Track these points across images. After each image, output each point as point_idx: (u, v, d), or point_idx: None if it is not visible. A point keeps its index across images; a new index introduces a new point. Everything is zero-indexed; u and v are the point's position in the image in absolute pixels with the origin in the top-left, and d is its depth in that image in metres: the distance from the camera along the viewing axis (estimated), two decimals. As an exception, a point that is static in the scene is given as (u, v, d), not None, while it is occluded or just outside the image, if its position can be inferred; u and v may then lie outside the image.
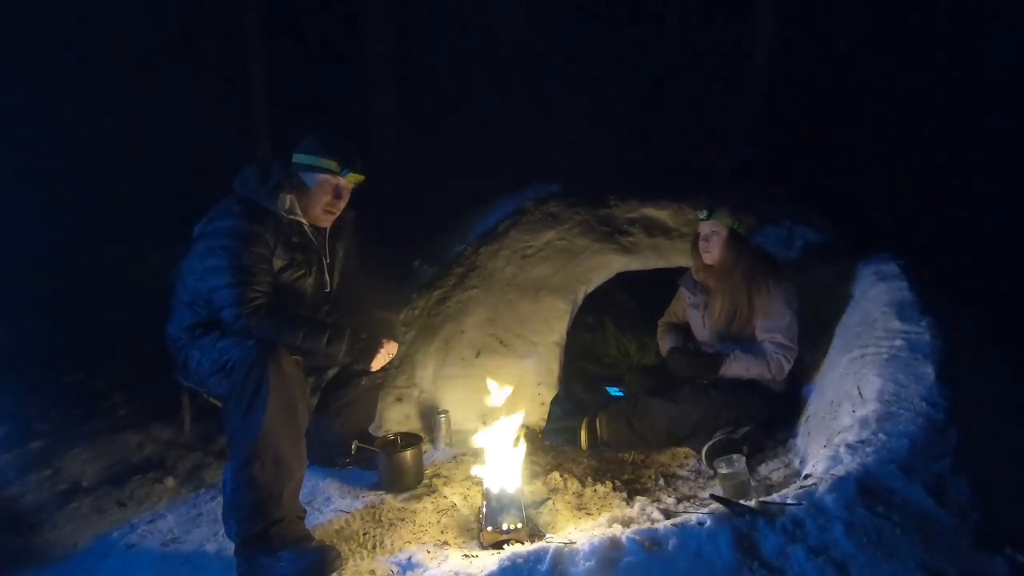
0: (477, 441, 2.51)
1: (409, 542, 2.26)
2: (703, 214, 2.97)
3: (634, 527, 1.90)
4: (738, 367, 2.93)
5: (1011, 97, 5.28)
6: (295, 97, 6.52)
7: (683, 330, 3.30)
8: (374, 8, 6.14)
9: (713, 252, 2.98)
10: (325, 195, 2.50)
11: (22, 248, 4.90)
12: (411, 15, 6.48)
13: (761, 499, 1.84)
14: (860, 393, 2.34)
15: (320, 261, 2.62)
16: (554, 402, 3.20)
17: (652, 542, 1.67)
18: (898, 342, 2.51)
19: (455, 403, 3.22)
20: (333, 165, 2.46)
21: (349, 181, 2.50)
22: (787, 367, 2.91)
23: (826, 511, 1.70)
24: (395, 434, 2.87)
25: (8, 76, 5.69)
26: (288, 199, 2.45)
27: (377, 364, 2.61)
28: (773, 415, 2.97)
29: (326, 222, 2.59)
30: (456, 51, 6.95)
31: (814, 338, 3.15)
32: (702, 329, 3.16)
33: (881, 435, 2.01)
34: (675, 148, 5.56)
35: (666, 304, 3.41)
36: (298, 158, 2.50)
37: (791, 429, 2.89)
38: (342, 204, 2.56)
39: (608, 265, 3.72)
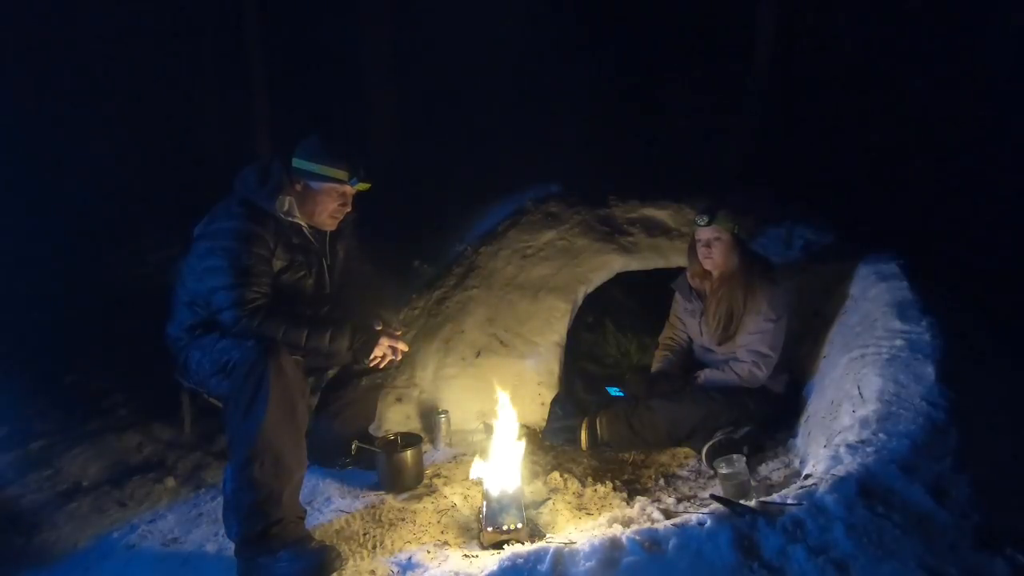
0: (474, 472, 2.47)
1: (409, 542, 2.26)
2: (703, 220, 2.91)
3: (634, 527, 1.90)
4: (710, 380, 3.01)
5: (1012, 96, 5.28)
6: (295, 97, 6.52)
7: (681, 351, 3.27)
8: (374, 8, 6.15)
9: (716, 258, 2.95)
10: (332, 202, 2.51)
11: (22, 248, 4.90)
12: (411, 15, 6.48)
13: (761, 499, 1.84)
14: (860, 393, 2.34)
15: (320, 262, 2.62)
16: (554, 402, 3.20)
17: (652, 542, 1.67)
18: (898, 342, 2.51)
19: (455, 403, 3.22)
20: (341, 174, 2.47)
21: (356, 189, 2.51)
22: (760, 374, 2.91)
23: (826, 511, 1.70)
24: (395, 434, 2.87)
25: (8, 76, 5.70)
26: (287, 201, 2.45)
27: (377, 356, 2.56)
28: (773, 415, 2.97)
29: (332, 226, 2.60)
30: (456, 51, 6.95)
31: (814, 338, 3.15)
32: (699, 335, 3.16)
33: (881, 435, 2.01)
34: (675, 148, 5.56)
35: (666, 304, 3.40)
36: (302, 163, 2.49)
37: (791, 429, 2.89)
38: (348, 209, 2.58)
39: (608, 265, 3.72)
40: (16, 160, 5.33)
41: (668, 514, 2.31)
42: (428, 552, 2.17)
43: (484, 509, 2.26)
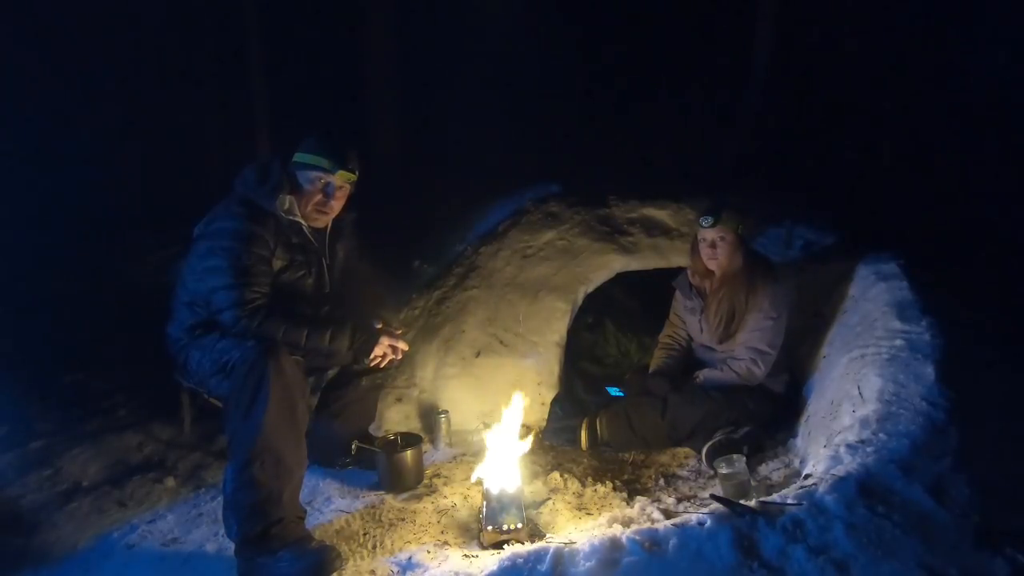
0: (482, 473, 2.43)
1: (409, 542, 2.26)
2: (708, 221, 2.89)
3: (634, 527, 1.90)
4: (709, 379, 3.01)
5: (1012, 96, 5.28)
6: (295, 97, 6.52)
7: (680, 349, 3.27)
8: (375, 9, 6.15)
9: (720, 258, 2.94)
10: (316, 193, 2.50)
11: (22, 248, 4.90)
12: (412, 16, 6.49)
13: (761, 499, 1.84)
14: (860, 393, 2.34)
15: (320, 262, 2.62)
16: (554, 402, 3.20)
17: (652, 542, 1.67)
18: (898, 342, 2.51)
19: (455, 403, 3.22)
20: (324, 162, 2.46)
21: (339, 178, 2.49)
22: (758, 372, 2.92)
23: (826, 511, 1.70)
24: (395, 434, 2.87)
25: (8, 76, 5.70)
26: (287, 200, 2.45)
27: (378, 355, 2.57)
28: (773, 415, 2.97)
29: (319, 222, 2.58)
30: (456, 51, 6.95)
31: (814, 338, 3.15)
32: (700, 334, 3.15)
33: (881, 435, 2.01)
34: (675, 148, 5.56)
35: (666, 304, 3.40)
36: (296, 157, 2.51)
37: (791, 429, 2.89)
38: (334, 203, 2.55)
39: (608, 265, 3.72)
40: (16, 160, 5.33)
41: (668, 514, 2.32)
42: (428, 552, 2.17)
43: (484, 509, 2.26)
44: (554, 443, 3.06)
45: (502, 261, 3.74)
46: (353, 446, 2.81)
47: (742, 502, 1.84)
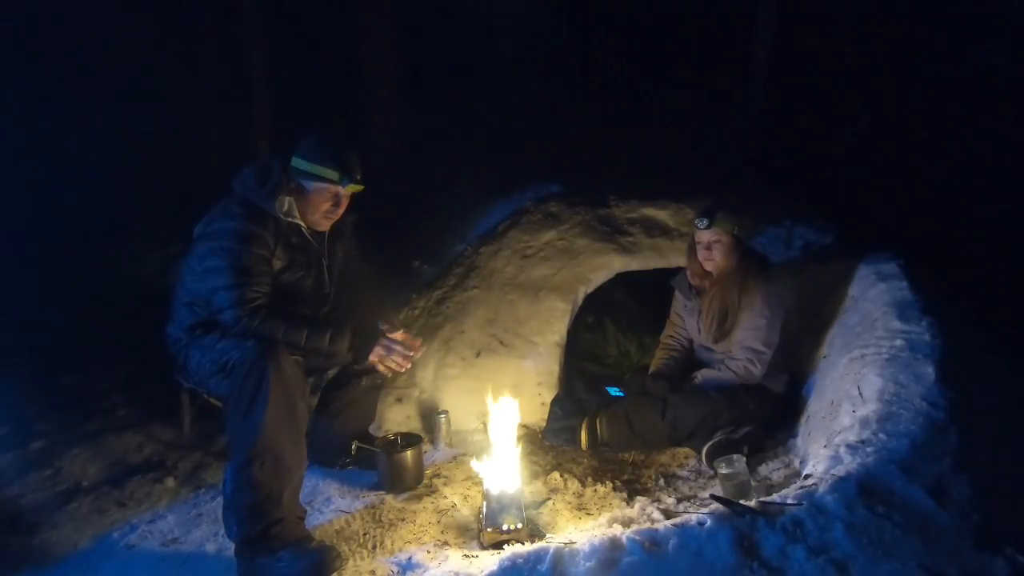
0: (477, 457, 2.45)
1: (409, 542, 2.26)
2: (703, 223, 2.90)
3: (634, 527, 1.90)
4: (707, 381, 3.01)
5: (1012, 95, 5.28)
6: (295, 97, 6.53)
7: (682, 349, 3.27)
8: (375, 9, 6.15)
9: (717, 259, 2.95)
10: (324, 203, 2.50)
11: (22, 249, 4.90)
12: (412, 16, 6.49)
13: (761, 499, 1.84)
14: (860, 393, 2.34)
15: (320, 262, 2.62)
16: (554, 402, 3.20)
17: (652, 542, 1.67)
18: (898, 342, 2.51)
19: (455, 403, 3.22)
20: (333, 175, 2.45)
21: (348, 191, 2.51)
22: (755, 371, 2.92)
23: (826, 511, 1.70)
24: (395, 434, 2.86)
25: (9, 77, 5.70)
26: (287, 201, 2.45)
27: (376, 359, 2.52)
28: (773, 415, 2.97)
29: (325, 227, 2.59)
30: (456, 51, 6.95)
31: (814, 338, 3.15)
32: (698, 334, 3.16)
33: (881, 435, 2.01)
34: (675, 148, 5.56)
35: (666, 304, 3.40)
36: (298, 163, 2.48)
37: (791, 429, 2.89)
38: (341, 210, 2.57)
39: (608, 265, 3.72)
40: (16, 162, 5.34)
41: (668, 514, 2.31)
42: (428, 552, 2.17)
43: (484, 509, 2.26)
44: (554, 443, 3.05)
45: (502, 261, 3.74)
46: (353, 446, 2.81)
47: (742, 502, 1.84)
